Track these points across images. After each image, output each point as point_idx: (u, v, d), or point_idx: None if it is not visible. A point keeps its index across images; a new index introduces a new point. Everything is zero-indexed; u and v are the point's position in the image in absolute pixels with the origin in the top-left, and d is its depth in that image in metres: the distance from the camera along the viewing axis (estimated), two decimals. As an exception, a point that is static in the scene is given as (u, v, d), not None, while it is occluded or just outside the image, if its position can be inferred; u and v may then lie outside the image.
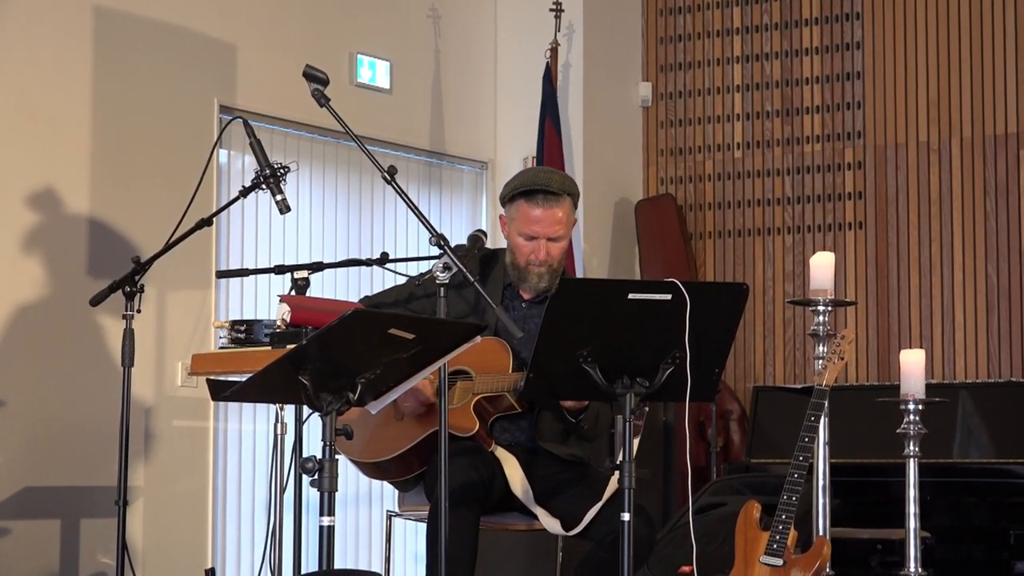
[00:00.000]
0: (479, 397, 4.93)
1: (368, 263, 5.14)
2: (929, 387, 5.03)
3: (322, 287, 6.90)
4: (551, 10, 8.21)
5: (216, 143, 6.11)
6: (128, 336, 5.11)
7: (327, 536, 3.72)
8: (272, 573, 4.81)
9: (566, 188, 4.99)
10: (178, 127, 6.64)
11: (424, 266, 4.99)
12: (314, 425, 4.02)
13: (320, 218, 7.37)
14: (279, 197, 4.86)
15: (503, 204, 5.06)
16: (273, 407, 4.78)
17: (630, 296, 4.12)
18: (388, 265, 5.09)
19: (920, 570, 5.04)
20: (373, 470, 5.10)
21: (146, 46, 6.57)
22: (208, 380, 4.61)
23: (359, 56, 7.57)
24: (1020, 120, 7.96)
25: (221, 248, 6.83)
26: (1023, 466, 6.83)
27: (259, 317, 5.60)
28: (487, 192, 8.27)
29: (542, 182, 4.96)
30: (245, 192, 4.95)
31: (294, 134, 7.24)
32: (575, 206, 5.04)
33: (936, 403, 5.02)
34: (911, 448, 4.94)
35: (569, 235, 5.05)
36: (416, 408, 4.90)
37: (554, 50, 8.21)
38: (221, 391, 4.48)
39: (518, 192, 4.98)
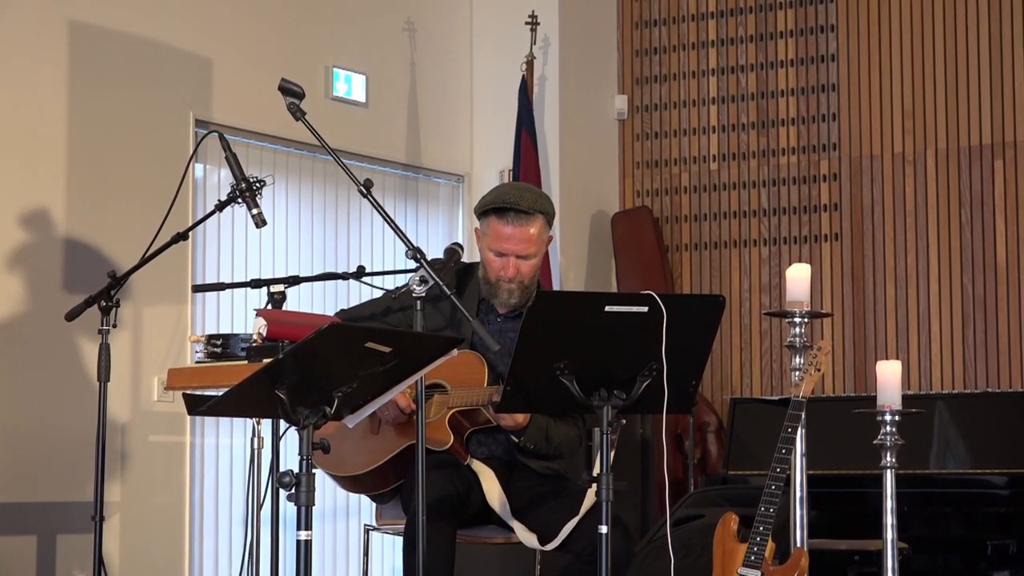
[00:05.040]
0: (454, 411, 4.92)
1: (344, 277, 5.14)
2: (905, 398, 5.03)
3: (298, 301, 6.89)
4: (527, 23, 8.22)
5: (192, 157, 6.10)
6: (104, 351, 5.09)
7: (304, 550, 3.71)
8: (249, 588, 4.80)
9: (538, 207, 4.97)
10: (154, 141, 6.63)
11: (401, 279, 4.99)
12: (291, 439, 4.01)
13: (296, 232, 7.36)
14: (255, 211, 4.85)
15: (477, 218, 5.06)
16: (250, 421, 4.77)
17: (607, 309, 4.13)
18: (364, 279, 5.08)
19: (898, 581, 5.05)
20: (351, 483, 5.10)
21: (121, 60, 6.56)
22: (184, 394, 4.60)
23: (335, 69, 7.57)
24: (995, 131, 7.99)
25: (197, 262, 6.82)
26: (999, 476, 6.84)
27: (235, 331, 5.59)
28: (463, 205, 8.28)
29: (513, 200, 4.95)
30: (221, 206, 4.95)
31: (270, 148, 7.24)
32: (549, 225, 5.03)
33: (913, 414, 5.03)
34: (888, 459, 4.94)
35: (541, 253, 5.03)
36: (398, 416, 4.89)
37: (530, 63, 8.21)
38: (197, 405, 4.47)
39: (490, 208, 4.98)
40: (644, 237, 8.60)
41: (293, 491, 3.69)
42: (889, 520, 4.95)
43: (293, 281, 4.97)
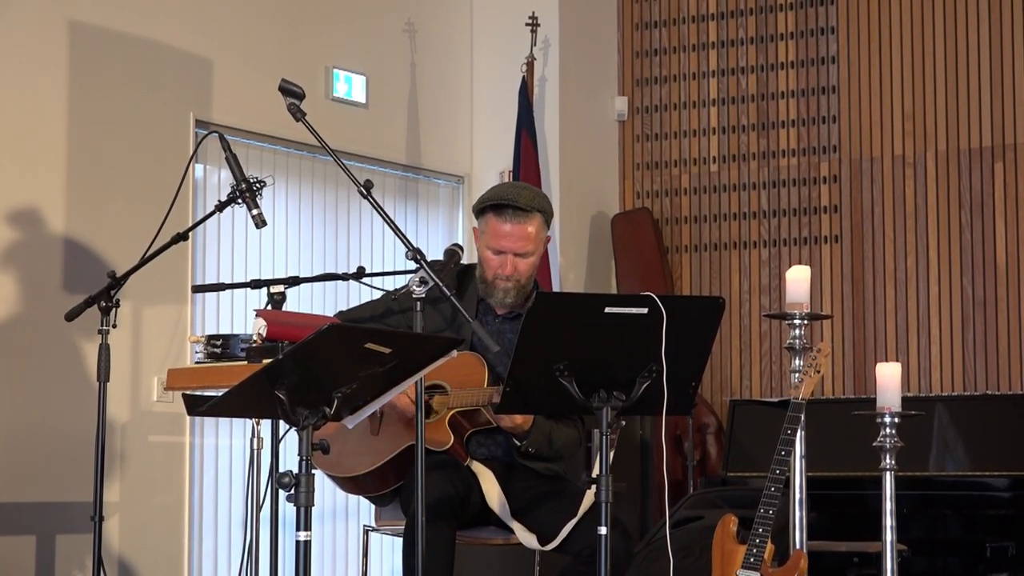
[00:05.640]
0: (454, 411, 4.92)
1: (344, 277, 5.13)
2: (905, 400, 5.04)
3: (298, 302, 6.89)
4: (527, 24, 8.22)
5: (192, 157, 6.10)
6: (104, 351, 5.09)
7: (304, 551, 3.71)
8: (248, 588, 4.79)
9: (536, 205, 4.96)
10: (154, 141, 6.63)
11: (400, 280, 4.99)
12: (291, 439, 4.01)
13: (296, 232, 7.36)
14: (255, 211, 4.85)
15: (475, 216, 5.06)
16: (249, 422, 4.77)
17: (607, 310, 4.13)
18: (364, 279, 5.08)
19: (897, 583, 5.04)
20: (351, 485, 5.09)
21: (121, 60, 6.56)
22: (184, 395, 4.60)
23: (335, 70, 7.57)
24: (995, 133, 7.99)
25: (197, 263, 6.82)
26: (999, 479, 6.84)
27: (235, 332, 5.59)
28: (463, 206, 8.27)
29: (511, 197, 4.95)
30: (221, 206, 4.95)
31: (270, 148, 7.24)
32: (547, 224, 5.02)
33: (912, 416, 5.03)
34: (887, 461, 4.94)
35: (539, 252, 5.02)
36: (406, 407, 4.87)
37: (530, 64, 8.21)
38: (197, 406, 4.47)
39: (488, 205, 4.98)
40: (644, 238, 8.60)
41: (292, 492, 3.69)
42: (888, 522, 4.95)
43: (293, 282, 4.97)
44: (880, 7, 8.29)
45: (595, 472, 4.24)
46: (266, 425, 4.71)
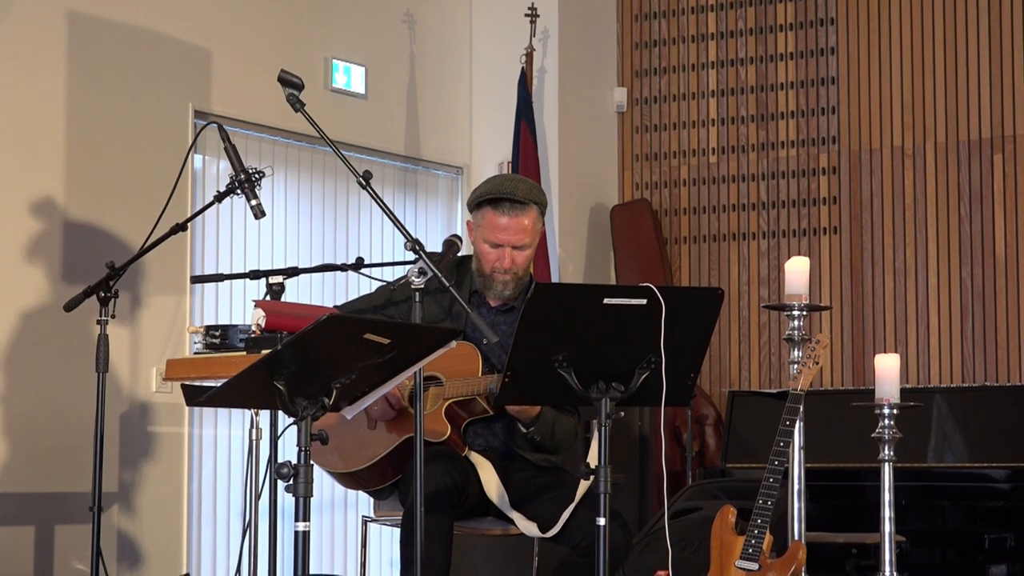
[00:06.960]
0: (450, 402, 4.92)
1: (343, 268, 5.13)
2: (904, 391, 5.04)
3: (297, 292, 6.89)
4: (526, 15, 8.21)
5: (191, 148, 6.09)
6: (102, 341, 5.09)
7: (302, 541, 3.72)
8: (247, 579, 4.80)
9: (532, 197, 4.97)
10: (153, 132, 6.62)
11: (399, 271, 4.99)
12: (289, 429, 4.01)
13: (295, 223, 7.36)
14: (254, 202, 4.86)
15: (470, 210, 5.06)
16: (248, 412, 4.78)
17: (605, 301, 4.12)
18: (363, 270, 5.08)
19: (895, 574, 5.04)
20: (349, 480, 5.09)
21: (120, 51, 6.56)
22: (183, 385, 4.61)
23: (334, 61, 7.56)
24: (994, 125, 7.99)
25: (196, 253, 6.82)
26: (997, 470, 6.85)
27: (234, 322, 5.59)
28: (462, 197, 8.27)
29: (508, 190, 4.95)
30: (220, 197, 4.95)
31: (269, 139, 7.23)
32: (542, 215, 5.03)
33: (911, 407, 5.03)
34: (886, 452, 4.94)
35: (535, 243, 5.03)
36: (386, 412, 4.88)
37: (529, 55, 8.21)
38: (196, 396, 4.47)
39: (484, 199, 4.98)
40: (643, 230, 8.60)
41: (291, 482, 3.70)
42: (887, 513, 4.95)
43: (292, 272, 4.97)
44: (880, -2, 8.30)
45: (592, 462, 4.24)
46: (265, 416, 4.71)
